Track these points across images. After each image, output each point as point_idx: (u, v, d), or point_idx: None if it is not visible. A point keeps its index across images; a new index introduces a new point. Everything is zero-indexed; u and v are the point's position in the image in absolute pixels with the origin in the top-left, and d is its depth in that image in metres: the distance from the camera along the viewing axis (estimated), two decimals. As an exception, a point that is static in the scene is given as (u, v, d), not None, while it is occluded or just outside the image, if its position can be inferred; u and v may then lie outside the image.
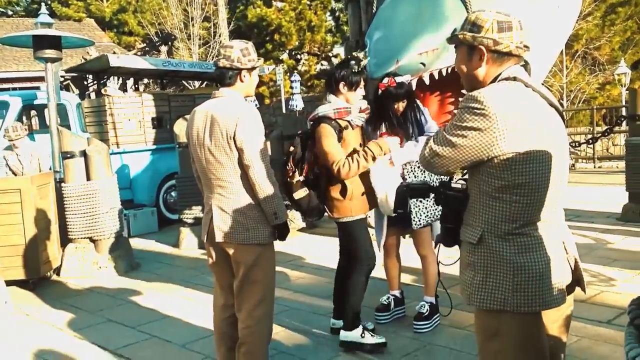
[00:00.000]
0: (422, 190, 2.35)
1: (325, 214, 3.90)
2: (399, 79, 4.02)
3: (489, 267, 2.07)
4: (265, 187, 3.04)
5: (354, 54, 4.52)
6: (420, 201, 3.87)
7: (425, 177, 3.89)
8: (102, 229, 6.33)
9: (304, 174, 3.76)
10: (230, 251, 3.14)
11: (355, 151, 3.75)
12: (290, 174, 3.73)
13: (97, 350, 4.25)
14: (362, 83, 3.85)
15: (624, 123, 9.04)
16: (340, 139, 3.74)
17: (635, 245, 5.99)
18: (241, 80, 3.15)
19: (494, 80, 2.13)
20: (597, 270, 5.19)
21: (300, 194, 3.72)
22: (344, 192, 3.76)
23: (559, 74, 16.45)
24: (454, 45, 2.23)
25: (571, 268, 2.18)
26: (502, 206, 2.04)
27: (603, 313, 4.23)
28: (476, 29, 2.11)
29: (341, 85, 3.79)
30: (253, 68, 3.18)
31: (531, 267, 2.03)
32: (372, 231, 4.07)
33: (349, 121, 3.81)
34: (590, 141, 8.36)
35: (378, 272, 4.82)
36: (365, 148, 3.73)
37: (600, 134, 8.50)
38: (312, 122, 3.83)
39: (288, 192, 3.74)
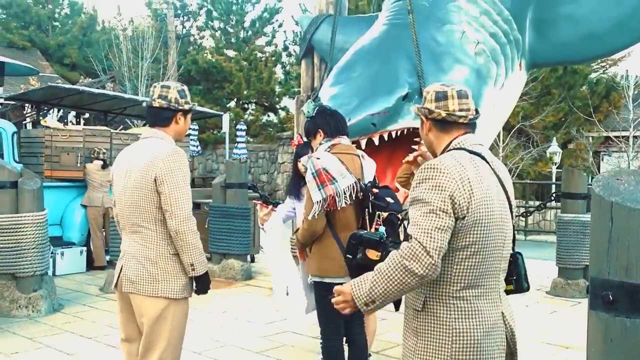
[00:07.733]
0: (372, 242, 2.35)
1: None
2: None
3: (431, 333, 2.09)
4: (185, 235, 2.85)
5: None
6: None
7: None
8: (26, 266, 5.99)
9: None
10: (137, 303, 2.92)
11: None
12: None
13: (7, 397, 3.95)
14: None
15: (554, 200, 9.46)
16: None
17: (563, 320, 6.13)
18: (176, 123, 3.01)
19: (444, 150, 2.20)
20: (525, 344, 5.25)
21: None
22: None
23: (496, 147, 17.15)
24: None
25: (508, 341, 2.20)
26: (445, 268, 2.06)
27: (533, 386, 4.26)
28: (422, 100, 2.27)
29: None
30: (190, 111, 3.06)
31: (469, 334, 2.05)
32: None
33: None
34: (525, 214, 8.64)
35: (311, 330, 4.74)
36: None
37: (534, 209, 8.81)
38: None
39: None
